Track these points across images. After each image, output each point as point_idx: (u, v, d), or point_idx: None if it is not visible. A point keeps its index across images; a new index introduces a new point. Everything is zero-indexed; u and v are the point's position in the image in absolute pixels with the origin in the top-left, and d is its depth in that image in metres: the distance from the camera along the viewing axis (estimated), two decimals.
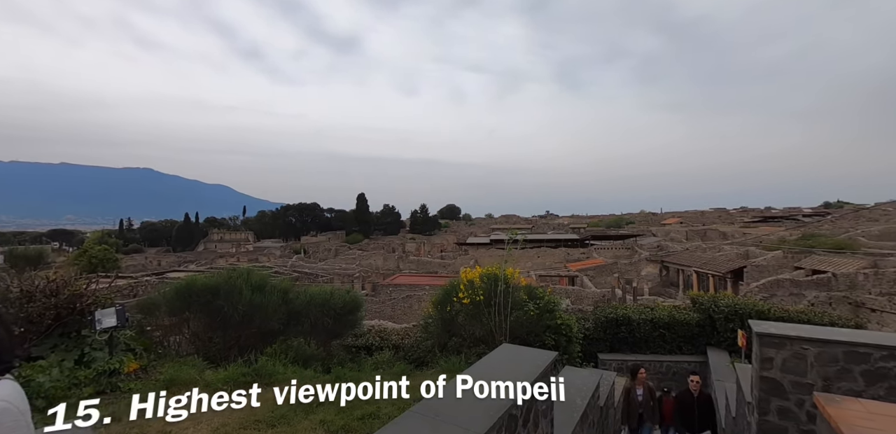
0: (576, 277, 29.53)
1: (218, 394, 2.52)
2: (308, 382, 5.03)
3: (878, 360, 4.14)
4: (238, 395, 2.92)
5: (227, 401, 2.49)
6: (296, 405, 4.68)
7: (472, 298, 6.88)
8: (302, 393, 2.81)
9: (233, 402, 2.54)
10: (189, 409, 2.30)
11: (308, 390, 2.85)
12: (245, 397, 2.95)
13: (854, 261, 26.00)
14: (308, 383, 5.06)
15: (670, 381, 11.39)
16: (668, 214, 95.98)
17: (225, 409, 2.45)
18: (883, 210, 61.94)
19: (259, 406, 2.77)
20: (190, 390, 2.54)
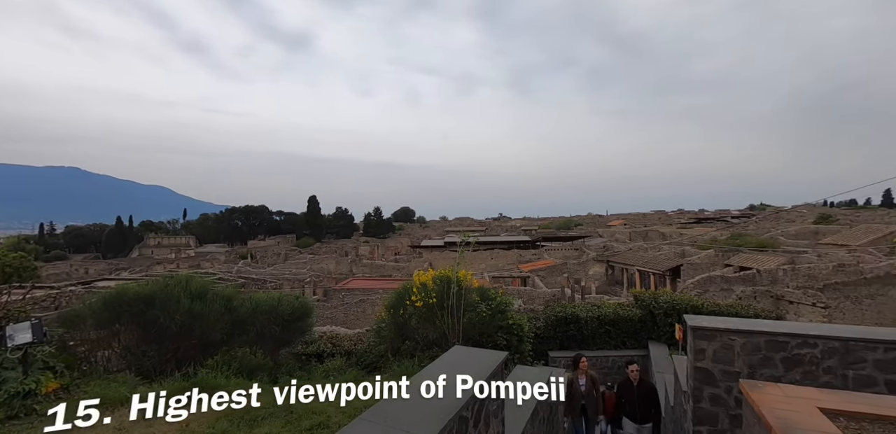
0: (528, 278, 30.30)
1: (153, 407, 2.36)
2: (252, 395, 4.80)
3: (794, 348, 4.55)
4: (176, 409, 2.75)
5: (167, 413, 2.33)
6: (238, 418, 4.45)
7: (425, 301, 6.86)
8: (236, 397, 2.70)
9: (170, 416, 2.39)
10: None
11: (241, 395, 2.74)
12: (184, 409, 2.78)
13: (775, 258, 28.59)
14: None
15: (616, 374, 11.94)
16: (613, 217, 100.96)
17: (161, 423, 2.29)
18: (798, 212, 68.92)
19: (198, 420, 2.61)
20: (120, 409, 2.36)
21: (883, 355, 4.34)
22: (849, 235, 37.31)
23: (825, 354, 4.48)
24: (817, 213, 64.12)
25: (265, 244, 70.06)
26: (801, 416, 2.53)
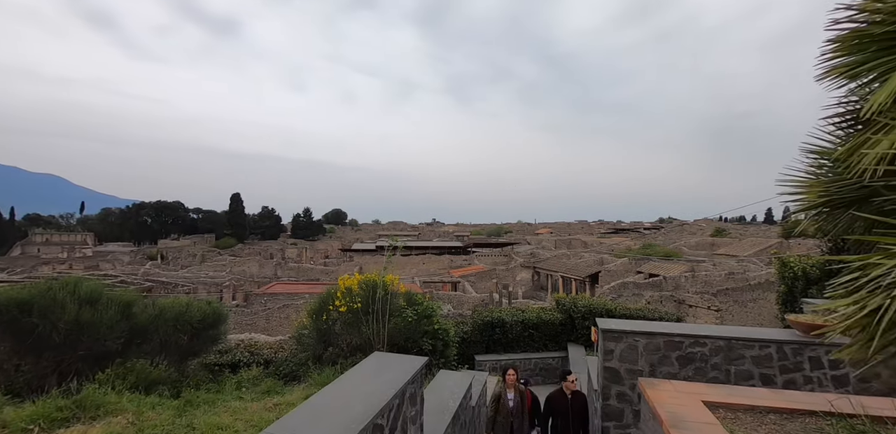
0: (458, 283, 30.71)
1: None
2: (148, 411, 4.34)
3: (688, 347, 5.04)
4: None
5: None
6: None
7: (350, 306, 6.67)
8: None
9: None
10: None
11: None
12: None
13: (678, 266, 31.63)
14: (148, 412, 4.36)
15: (539, 376, 12.44)
16: (540, 225, 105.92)
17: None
18: (699, 225, 77.30)
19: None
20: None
21: (758, 352, 4.94)
22: (738, 247, 42.39)
23: (713, 352, 5.00)
24: (714, 227, 72.17)
25: (179, 244, 64.24)
26: (688, 410, 2.79)
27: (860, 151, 1.95)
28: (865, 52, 2.00)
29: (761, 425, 2.76)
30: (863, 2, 2.02)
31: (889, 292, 1.45)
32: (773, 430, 2.70)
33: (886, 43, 1.92)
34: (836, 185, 2.50)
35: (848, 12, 2.08)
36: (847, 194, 2.48)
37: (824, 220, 2.66)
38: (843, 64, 2.10)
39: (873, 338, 1.53)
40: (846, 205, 2.55)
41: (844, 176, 2.38)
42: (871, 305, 1.50)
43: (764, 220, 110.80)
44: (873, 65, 1.95)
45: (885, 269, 1.47)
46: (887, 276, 1.46)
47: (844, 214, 2.57)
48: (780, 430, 2.69)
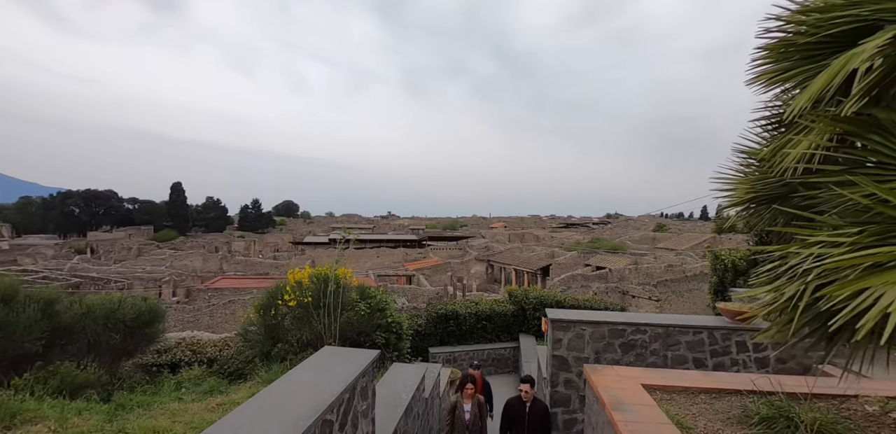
0: (413, 276, 30.69)
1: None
2: (73, 418, 3.99)
3: (630, 334, 5.32)
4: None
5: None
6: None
7: (300, 300, 6.47)
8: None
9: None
10: None
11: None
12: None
13: (623, 259, 33.35)
14: (74, 418, 4.02)
15: (491, 367, 12.72)
16: (495, 219, 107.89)
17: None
18: (642, 221, 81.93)
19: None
20: None
21: (692, 338, 5.31)
22: (677, 241, 45.28)
23: (652, 339, 5.32)
24: (656, 222, 76.67)
25: (112, 237, 59.54)
26: (627, 393, 2.95)
27: (782, 151, 2.11)
28: (790, 59, 2.15)
29: (693, 405, 2.97)
30: (790, 14, 2.17)
31: (804, 279, 1.59)
32: (703, 408, 2.91)
33: (808, 52, 2.09)
34: (762, 183, 2.71)
35: (777, 23, 2.23)
36: (770, 191, 2.69)
37: (750, 215, 2.87)
38: (770, 70, 2.26)
39: (791, 321, 1.67)
40: (770, 201, 2.77)
41: (769, 174, 2.58)
42: (788, 292, 1.64)
43: (700, 216, 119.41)
44: (796, 72, 2.11)
45: (801, 257, 1.61)
46: (803, 264, 1.60)
47: (768, 210, 2.79)
48: (709, 409, 2.90)
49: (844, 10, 1.88)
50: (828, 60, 1.93)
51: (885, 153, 1.68)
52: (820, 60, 2.04)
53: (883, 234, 1.43)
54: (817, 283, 1.53)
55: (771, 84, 2.19)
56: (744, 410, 2.82)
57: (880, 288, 1.28)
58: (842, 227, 1.59)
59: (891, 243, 1.39)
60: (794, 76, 2.12)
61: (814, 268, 1.54)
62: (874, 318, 1.27)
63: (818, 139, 1.84)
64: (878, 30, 1.82)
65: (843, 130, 1.73)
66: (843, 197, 1.62)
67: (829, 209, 1.95)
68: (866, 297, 1.30)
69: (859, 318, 1.42)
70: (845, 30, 1.91)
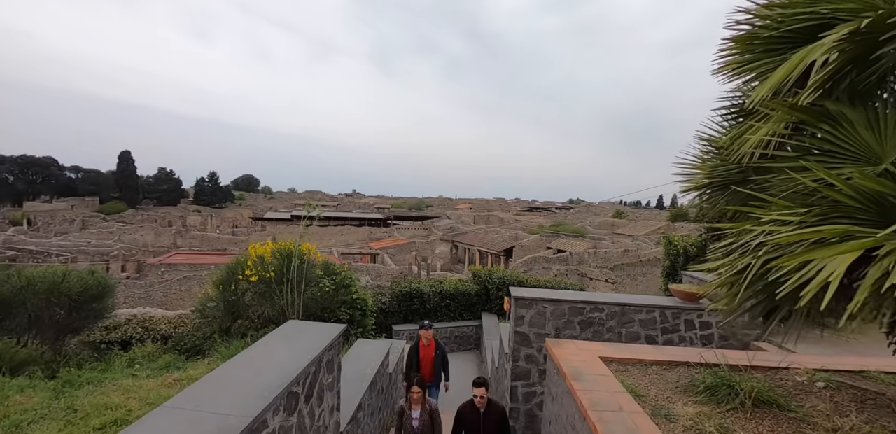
0: (377, 255, 30.59)
1: None
2: (15, 395, 3.77)
3: (588, 312, 5.56)
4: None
5: None
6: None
7: (262, 276, 6.31)
8: None
9: None
10: None
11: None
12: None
13: (583, 243, 34.51)
14: (16, 396, 3.79)
15: (455, 344, 13.03)
16: (461, 200, 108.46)
17: None
18: (602, 207, 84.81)
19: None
20: None
21: (645, 316, 5.61)
22: (634, 228, 47.26)
23: (609, 317, 5.58)
24: (615, 209, 79.48)
25: (52, 208, 55.48)
26: (586, 365, 3.10)
27: (742, 138, 2.20)
28: (754, 51, 2.23)
29: (646, 375, 3.16)
30: (757, 8, 2.23)
31: (756, 253, 1.70)
32: (654, 379, 3.11)
33: (771, 46, 2.17)
34: (719, 169, 2.84)
35: (745, 16, 2.30)
36: (727, 177, 2.84)
37: (706, 200, 3.02)
38: (735, 61, 2.33)
39: (738, 292, 1.79)
40: (724, 186, 2.91)
41: (726, 161, 2.70)
42: (740, 265, 1.75)
43: (656, 205, 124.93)
44: (759, 63, 2.19)
45: (753, 234, 1.71)
46: (754, 240, 1.70)
47: (723, 195, 2.94)
48: (660, 379, 3.10)
49: (806, 7, 1.95)
50: (788, 54, 2.01)
51: (833, 142, 1.80)
52: (781, 54, 2.12)
53: (826, 214, 1.55)
54: (767, 257, 1.65)
55: (736, 74, 2.27)
56: (691, 380, 3.03)
57: (822, 261, 1.39)
58: (790, 208, 1.70)
59: (834, 222, 1.50)
60: (757, 67, 2.20)
61: (764, 244, 1.65)
62: (817, 287, 1.39)
63: (776, 127, 1.94)
64: (833, 27, 1.91)
65: (797, 119, 1.83)
66: (794, 181, 1.74)
67: (779, 193, 2.07)
68: (810, 268, 1.41)
69: (800, 289, 1.54)
70: (805, 26, 1.99)
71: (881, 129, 1.68)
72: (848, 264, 1.35)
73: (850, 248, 1.38)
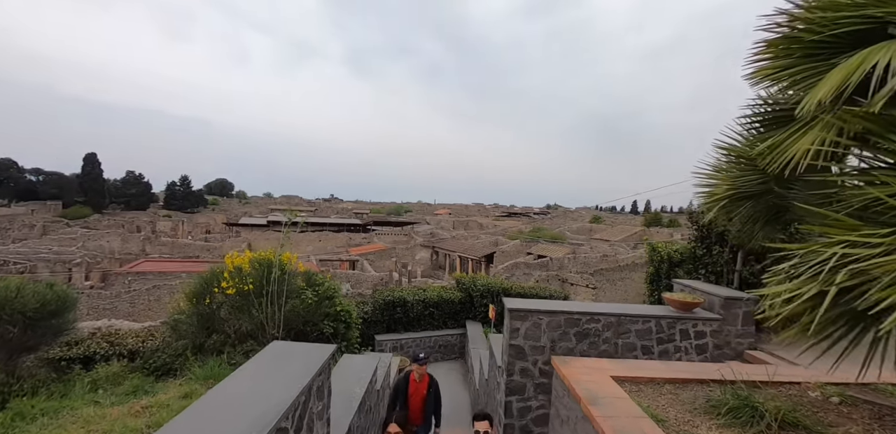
0: (357, 262, 30.01)
1: None
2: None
3: (584, 323, 5.39)
4: None
5: None
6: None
7: (240, 288, 5.91)
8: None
9: None
10: None
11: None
12: None
13: (563, 248, 34.79)
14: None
15: (438, 353, 12.72)
16: (439, 206, 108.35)
17: None
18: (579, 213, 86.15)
19: None
20: None
21: (641, 326, 5.49)
22: (611, 233, 47.99)
23: (605, 327, 5.43)
24: (592, 214, 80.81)
25: (10, 212, 52.46)
26: (599, 386, 2.90)
27: (782, 147, 2.05)
28: (792, 57, 2.09)
29: (660, 395, 2.98)
30: (798, 11, 2.09)
31: (830, 278, 1.53)
32: (670, 399, 2.93)
33: (811, 51, 2.02)
34: (742, 180, 2.70)
35: (783, 18, 2.15)
36: (750, 188, 2.70)
37: (726, 209, 2.88)
38: (770, 66, 2.18)
39: (814, 319, 1.62)
40: (747, 198, 2.78)
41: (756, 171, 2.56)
42: (810, 291, 1.58)
43: (630, 210, 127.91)
44: (799, 69, 2.05)
45: (823, 256, 1.55)
46: (827, 262, 1.54)
47: (744, 205, 2.80)
48: (676, 400, 2.93)
49: (854, 10, 1.81)
50: (837, 59, 1.87)
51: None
52: (822, 59, 1.98)
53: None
54: (849, 283, 1.48)
55: (774, 80, 2.12)
56: (708, 400, 2.87)
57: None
58: (860, 227, 1.55)
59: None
60: (796, 73, 2.05)
61: (839, 267, 1.48)
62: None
63: (826, 135, 1.79)
64: (883, 31, 1.78)
65: (864, 128, 1.68)
66: (859, 196, 1.59)
67: (840, 209, 1.89)
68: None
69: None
70: (851, 30, 1.85)
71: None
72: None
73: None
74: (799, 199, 2.45)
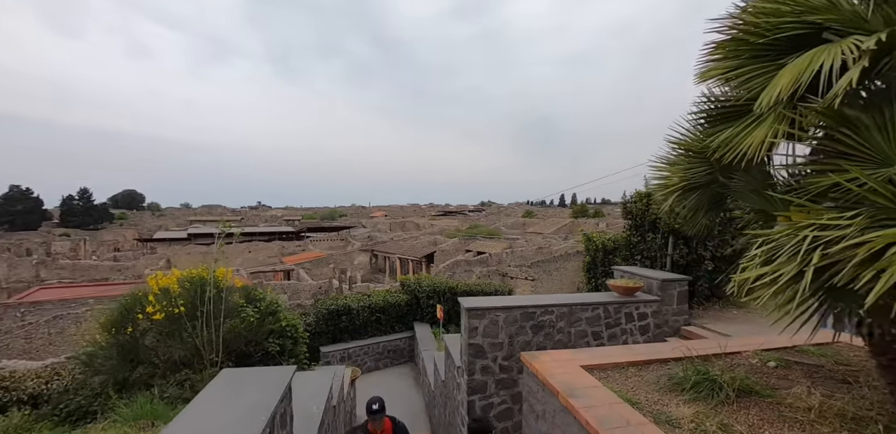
0: (292, 271, 28.56)
1: None
2: None
3: (539, 316, 5.51)
4: None
5: None
6: None
7: (169, 311, 5.29)
8: None
9: None
10: None
11: None
12: None
13: (500, 244, 35.73)
14: None
15: (387, 359, 12.42)
16: (375, 208, 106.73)
17: None
18: (512, 208, 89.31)
19: None
20: None
21: (591, 314, 5.72)
22: (543, 226, 50.23)
23: (558, 318, 5.59)
24: (524, 209, 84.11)
25: None
26: (573, 377, 2.94)
27: (736, 140, 2.18)
28: (741, 57, 2.23)
29: (627, 379, 3.09)
30: (746, 15, 2.23)
31: (806, 259, 1.64)
32: (636, 381, 3.04)
33: (758, 52, 2.18)
34: (691, 172, 2.87)
35: (733, 21, 2.30)
36: (699, 179, 2.87)
37: (678, 198, 3.04)
38: (719, 66, 2.33)
39: (794, 297, 1.72)
40: (695, 188, 2.96)
41: (697, 163, 2.72)
42: (789, 273, 1.68)
43: (559, 203, 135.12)
44: (747, 69, 2.20)
45: (797, 239, 1.66)
46: (801, 244, 1.65)
47: (694, 194, 2.98)
48: (642, 381, 3.05)
49: (797, 17, 1.97)
50: (783, 60, 2.02)
51: (850, 144, 1.83)
52: (768, 60, 2.14)
53: (876, 217, 1.54)
54: (822, 263, 1.59)
55: (724, 79, 2.26)
56: (670, 378, 3.02)
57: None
58: (825, 211, 1.69)
59: (892, 225, 1.49)
60: (744, 73, 2.19)
61: (812, 249, 1.60)
62: (881, 289, 1.34)
63: (778, 128, 1.93)
64: (819, 36, 1.96)
65: (820, 121, 1.84)
66: (814, 182, 1.73)
67: (803, 195, 2.04)
68: (890, 276, 1.36)
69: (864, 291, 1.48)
70: (793, 34, 2.02)
71: (891, 133, 1.73)
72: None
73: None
74: (741, 188, 2.64)
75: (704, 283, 7.25)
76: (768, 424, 2.44)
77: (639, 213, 7.78)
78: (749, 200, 2.44)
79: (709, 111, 2.61)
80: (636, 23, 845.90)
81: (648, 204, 7.58)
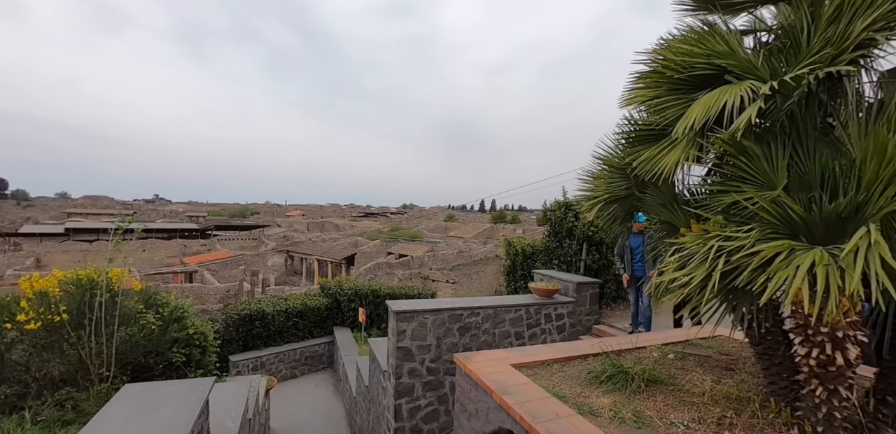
0: (195, 273, 26.08)
1: None
2: None
3: (466, 318, 5.64)
4: None
5: None
6: None
7: (47, 319, 4.55)
8: None
9: None
10: None
11: None
12: None
13: (422, 247, 35.92)
14: None
15: (304, 366, 11.83)
16: (291, 207, 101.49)
17: None
18: (434, 212, 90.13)
19: None
20: None
21: (514, 315, 5.99)
22: (464, 230, 51.48)
23: (484, 320, 5.77)
24: (446, 213, 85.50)
25: None
26: (506, 376, 3.07)
27: (655, 159, 2.46)
28: (660, 88, 2.53)
29: (552, 375, 3.29)
30: (666, 51, 2.53)
31: (714, 265, 1.90)
32: (560, 377, 3.26)
33: (675, 85, 2.49)
34: (614, 186, 3.16)
35: (652, 55, 2.59)
36: (619, 193, 3.18)
37: (601, 210, 3.34)
38: (642, 94, 2.60)
39: (704, 296, 1.97)
40: (616, 200, 3.27)
41: (619, 178, 3.01)
42: (700, 275, 1.93)
43: (479, 209, 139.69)
44: (665, 99, 2.50)
45: (707, 248, 1.94)
46: (709, 253, 1.93)
47: (614, 206, 3.29)
48: (565, 376, 3.27)
49: (706, 59, 2.31)
50: (694, 94, 2.33)
51: (744, 169, 2.17)
52: (684, 93, 2.45)
53: (765, 232, 1.86)
54: (726, 268, 1.88)
55: (646, 106, 2.54)
56: (590, 372, 3.28)
57: (784, 272, 1.66)
58: (728, 225, 2.00)
59: (778, 238, 1.80)
60: (662, 103, 2.49)
61: (718, 257, 1.88)
62: (772, 291, 1.62)
63: (689, 151, 2.23)
64: (723, 77, 2.30)
65: (725, 150, 2.17)
66: (719, 201, 2.06)
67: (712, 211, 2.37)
68: (777, 279, 1.64)
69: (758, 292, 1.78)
70: (703, 74, 2.36)
71: (775, 162, 2.10)
72: (805, 274, 1.62)
73: (801, 260, 1.65)
74: (652, 201, 2.97)
75: (612, 286, 7.97)
76: (672, 408, 2.76)
77: (557, 220, 8.34)
78: (657, 213, 2.79)
79: (628, 133, 2.92)
80: (551, 41, 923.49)
81: (566, 212, 8.16)
